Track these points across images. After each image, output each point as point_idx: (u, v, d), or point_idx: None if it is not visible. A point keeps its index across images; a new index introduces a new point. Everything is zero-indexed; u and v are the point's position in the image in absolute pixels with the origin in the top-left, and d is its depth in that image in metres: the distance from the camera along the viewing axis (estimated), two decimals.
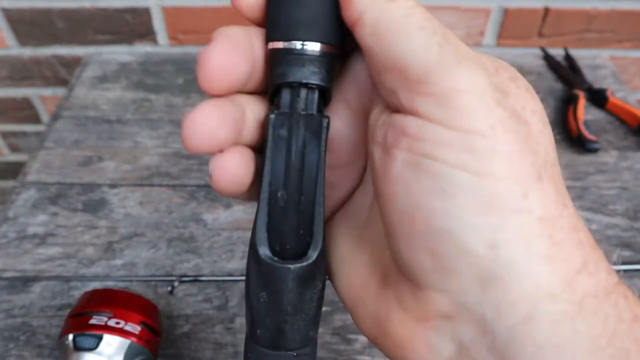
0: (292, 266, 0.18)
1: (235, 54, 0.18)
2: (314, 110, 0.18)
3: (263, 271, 0.18)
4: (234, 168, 0.18)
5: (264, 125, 0.19)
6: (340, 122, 0.20)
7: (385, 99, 0.17)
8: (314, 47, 0.18)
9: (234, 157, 0.18)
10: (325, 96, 0.19)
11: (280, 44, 0.18)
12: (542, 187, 0.15)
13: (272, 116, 0.18)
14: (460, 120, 0.15)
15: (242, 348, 0.41)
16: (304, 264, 0.18)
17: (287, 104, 0.18)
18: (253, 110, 0.19)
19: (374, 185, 0.18)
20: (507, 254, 0.15)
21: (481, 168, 0.15)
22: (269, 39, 0.18)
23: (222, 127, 0.18)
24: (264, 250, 0.18)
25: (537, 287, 0.15)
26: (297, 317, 0.19)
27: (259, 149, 0.20)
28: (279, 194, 0.18)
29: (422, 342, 0.17)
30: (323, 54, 0.18)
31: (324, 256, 0.19)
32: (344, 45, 0.19)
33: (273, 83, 0.18)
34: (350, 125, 0.20)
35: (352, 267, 0.20)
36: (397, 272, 0.18)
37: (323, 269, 0.19)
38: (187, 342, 0.42)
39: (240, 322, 0.43)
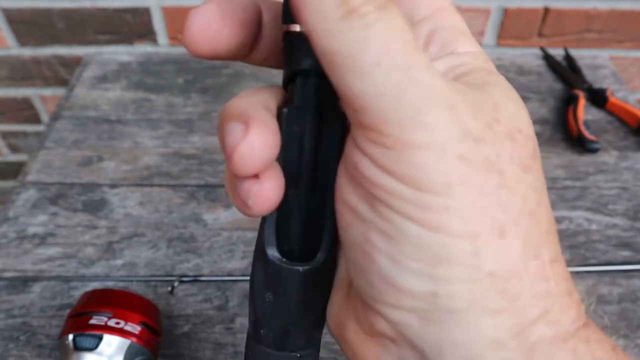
0: (300, 268, 0.17)
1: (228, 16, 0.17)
2: (329, 99, 0.17)
3: (270, 272, 0.18)
4: (272, 195, 0.17)
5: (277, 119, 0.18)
6: None
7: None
8: None
9: (271, 183, 0.17)
10: None
11: (297, 27, 0.17)
12: (502, 244, 0.14)
13: (285, 110, 0.17)
14: (414, 176, 0.14)
15: (242, 348, 0.41)
16: (313, 266, 0.17)
17: (302, 95, 0.17)
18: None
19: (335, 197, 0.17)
20: (448, 304, 0.14)
21: (433, 223, 0.14)
22: (284, 20, 0.17)
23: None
24: (272, 251, 0.17)
25: (479, 335, 0.14)
26: (303, 319, 0.18)
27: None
28: (290, 192, 0.17)
29: (372, 355, 0.17)
30: None
31: (334, 258, 0.18)
32: None
33: (288, 69, 0.17)
34: None
35: None
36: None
37: (332, 271, 0.19)
38: (187, 342, 0.42)
39: (240, 322, 0.43)
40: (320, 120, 0.17)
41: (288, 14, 0.16)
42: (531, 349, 0.15)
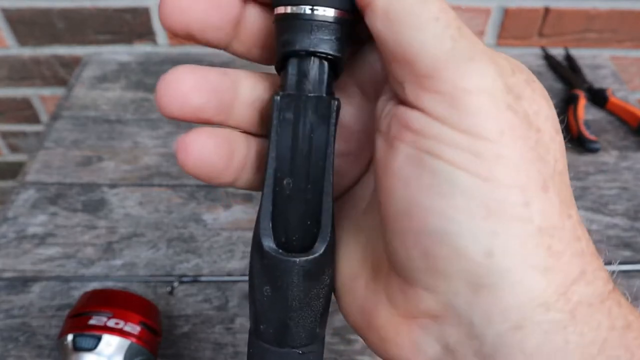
0: (297, 259, 0.17)
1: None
2: (323, 85, 0.17)
3: (267, 264, 0.17)
4: (199, 149, 0.18)
5: (269, 107, 0.18)
6: (353, 108, 0.19)
7: (392, 89, 0.17)
8: (324, 12, 0.16)
9: (199, 137, 0.18)
10: (336, 68, 0.17)
11: (287, 9, 0.16)
12: (546, 197, 0.15)
13: (277, 98, 0.17)
14: (468, 122, 0.14)
15: (242, 348, 0.41)
16: (311, 257, 0.17)
17: (295, 79, 0.17)
18: (248, 86, 0.19)
19: (374, 175, 0.17)
20: (502, 262, 0.14)
21: (485, 172, 0.14)
22: (275, 3, 0.17)
23: (197, 92, 0.17)
24: (268, 242, 0.17)
25: (530, 297, 0.14)
26: (302, 312, 0.18)
27: (263, 132, 0.19)
28: (285, 181, 0.17)
29: (407, 339, 0.17)
30: (335, 20, 0.16)
31: (333, 249, 0.18)
32: (355, 13, 0.17)
33: (279, 52, 0.17)
34: (363, 111, 0.19)
35: (345, 254, 0.20)
36: (389, 266, 0.17)
37: (331, 263, 0.18)
38: (187, 342, 0.41)
39: (240, 322, 0.43)
40: (314, 107, 0.17)
41: None
42: (573, 310, 0.15)
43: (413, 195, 0.15)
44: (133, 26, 0.72)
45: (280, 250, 0.17)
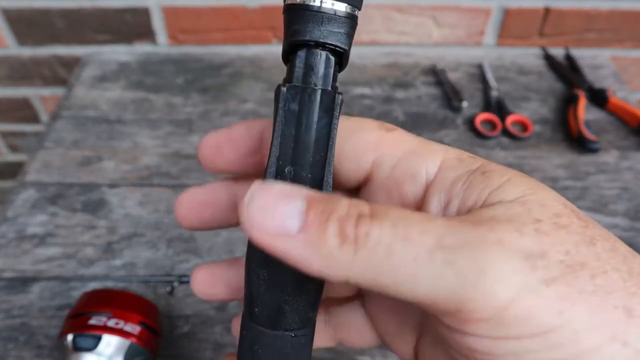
0: None
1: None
2: (329, 79, 0.17)
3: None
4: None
5: (275, 97, 0.18)
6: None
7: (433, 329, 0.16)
8: (334, 5, 0.17)
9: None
10: (341, 62, 0.18)
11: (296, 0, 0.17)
12: (632, 323, 0.13)
13: (284, 89, 0.17)
14: (525, 329, 0.13)
15: None
16: None
17: (302, 72, 0.17)
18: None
19: None
20: None
21: (574, 354, 0.13)
22: None
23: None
24: None
25: None
26: (297, 297, 0.18)
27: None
28: (286, 169, 0.17)
29: None
30: (344, 14, 0.17)
31: None
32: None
33: (287, 42, 0.17)
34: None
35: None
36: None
37: None
38: (187, 342, 0.41)
39: None
40: (319, 100, 0.17)
41: None
42: None
43: None
44: (133, 26, 0.72)
45: None
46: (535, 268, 0.13)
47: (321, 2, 0.16)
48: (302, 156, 0.17)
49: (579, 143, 0.57)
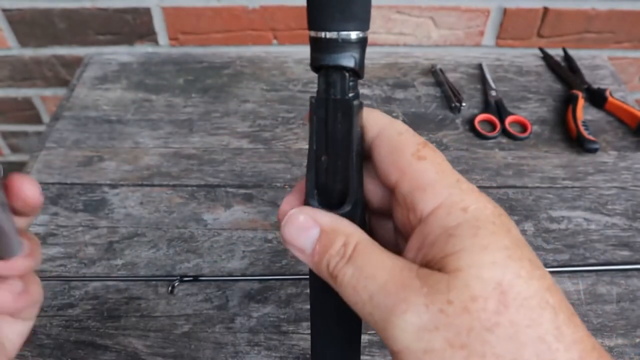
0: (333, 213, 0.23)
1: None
2: (345, 90, 0.22)
3: None
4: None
5: (309, 106, 0.23)
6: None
7: None
8: (345, 35, 0.21)
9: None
10: (357, 74, 0.22)
11: (313, 33, 0.21)
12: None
13: (313, 100, 0.22)
14: None
15: (242, 348, 0.42)
16: (341, 212, 0.23)
17: (323, 87, 0.22)
18: None
19: None
20: None
21: None
22: (309, 28, 0.22)
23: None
24: (313, 202, 0.23)
25: None
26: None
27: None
28: (322, 158, 0.23)
29: None
30: (353, 40, 0.21)
31: (359, 207, 0.23)
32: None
33: (312, 63, 0.22)
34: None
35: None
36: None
37: (358, 217, 0.23)
38: (187, 341, 0.42)
39: (240, 321, 0.43)
40: (336, 107, 0.22)
41: (312, 21, 0.21)
42: None
43: None
44: (134, 27, 0.72)
45: (321, 207, 0.23)
46: (421, 339, 0.17)
47: (336, 33, 0.21)
48: (331, 148, 0.23)
49: (578, 143, 0.57)
